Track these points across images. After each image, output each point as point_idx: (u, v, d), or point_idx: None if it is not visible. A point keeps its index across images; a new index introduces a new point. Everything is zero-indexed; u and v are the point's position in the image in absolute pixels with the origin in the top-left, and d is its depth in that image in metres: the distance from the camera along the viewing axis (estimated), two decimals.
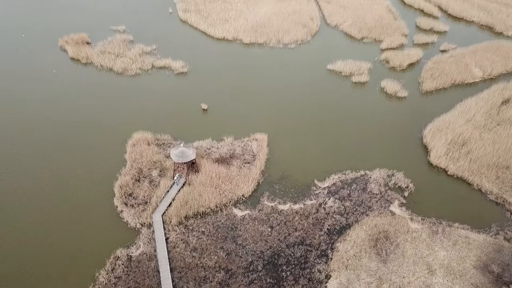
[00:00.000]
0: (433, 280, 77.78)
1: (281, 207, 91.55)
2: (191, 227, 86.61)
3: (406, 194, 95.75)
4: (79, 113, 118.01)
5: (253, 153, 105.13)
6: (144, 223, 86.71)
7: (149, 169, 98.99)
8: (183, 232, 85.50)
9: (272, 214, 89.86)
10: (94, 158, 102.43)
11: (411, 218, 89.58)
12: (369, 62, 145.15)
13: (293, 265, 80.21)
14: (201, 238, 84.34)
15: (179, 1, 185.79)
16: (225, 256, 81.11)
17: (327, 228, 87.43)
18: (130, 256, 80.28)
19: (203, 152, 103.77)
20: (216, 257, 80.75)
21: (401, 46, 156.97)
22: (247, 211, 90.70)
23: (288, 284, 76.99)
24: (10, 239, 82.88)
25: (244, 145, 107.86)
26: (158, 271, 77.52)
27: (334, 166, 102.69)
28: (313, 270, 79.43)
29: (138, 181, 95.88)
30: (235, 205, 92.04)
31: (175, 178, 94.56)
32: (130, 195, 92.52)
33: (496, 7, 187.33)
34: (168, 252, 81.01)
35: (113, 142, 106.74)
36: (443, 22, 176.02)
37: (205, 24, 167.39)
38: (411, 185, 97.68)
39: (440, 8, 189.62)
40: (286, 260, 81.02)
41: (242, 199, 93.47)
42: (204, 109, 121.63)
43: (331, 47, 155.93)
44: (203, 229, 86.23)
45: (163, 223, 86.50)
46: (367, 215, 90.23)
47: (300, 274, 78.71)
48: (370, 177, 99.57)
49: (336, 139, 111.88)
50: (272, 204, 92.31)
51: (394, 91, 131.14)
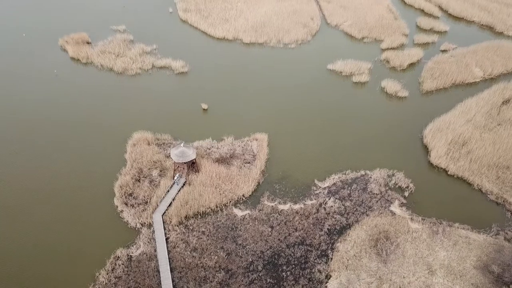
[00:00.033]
0: (433, 280, 77.73)
1: (281, 207, 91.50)
2: (191, 227, 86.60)
3: (407, 194, 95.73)
4: (79, 113, 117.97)
5: (253, 153, 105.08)
6: (144, 223, 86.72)
7: (149, 169, 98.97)
8: (183, 232, 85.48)
9: (272, 214, 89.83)
10: (94, 158, 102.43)
11: (412, 218, 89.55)
12: (370, 62, 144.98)
13: (293, 265, 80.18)
14: (201, 238, 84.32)
15: (179, 1, 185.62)
16: (225, 256, 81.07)
17: (327, 228, 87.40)
18: (130, 256, 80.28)
19: (203, 152, 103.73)
20: (216, 257, 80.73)
21: (402, 46, 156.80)
22: (247, 211, 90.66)
23: (288, 284, 76.96)
24: (10, 239, 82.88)
25: (244, 145, 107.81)
26: (158, 271, 77.53)
27: (335, 166, 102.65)
28: (313, 270, 79.40)
29: (138, 181, 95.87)
30: (235, 205, 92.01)
31: (175, 178, 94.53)
32: (130, 195, 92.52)
33: (497, 7, 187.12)
34: (168, 252, 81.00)
35: (113, 142, 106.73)
36: (444, 22, 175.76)
37: (205, 24, 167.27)
38: (412, 185, 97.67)
39: (441, 8, 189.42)
40: (286, 260, 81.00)
41: (242, 199, 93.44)
42: (204, 109, 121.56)
43: (332, 47, 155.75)
44: (203, 229, 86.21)
45: (163, 223, 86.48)
46: (368, 215, 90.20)
47: (300, 274, 78.68)
48: (371, 177, 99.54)
49: (337, 139, 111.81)
50: (272, 204, 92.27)
51: (395, 91, 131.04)
